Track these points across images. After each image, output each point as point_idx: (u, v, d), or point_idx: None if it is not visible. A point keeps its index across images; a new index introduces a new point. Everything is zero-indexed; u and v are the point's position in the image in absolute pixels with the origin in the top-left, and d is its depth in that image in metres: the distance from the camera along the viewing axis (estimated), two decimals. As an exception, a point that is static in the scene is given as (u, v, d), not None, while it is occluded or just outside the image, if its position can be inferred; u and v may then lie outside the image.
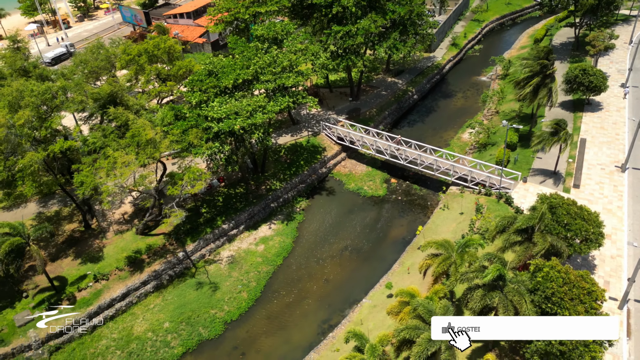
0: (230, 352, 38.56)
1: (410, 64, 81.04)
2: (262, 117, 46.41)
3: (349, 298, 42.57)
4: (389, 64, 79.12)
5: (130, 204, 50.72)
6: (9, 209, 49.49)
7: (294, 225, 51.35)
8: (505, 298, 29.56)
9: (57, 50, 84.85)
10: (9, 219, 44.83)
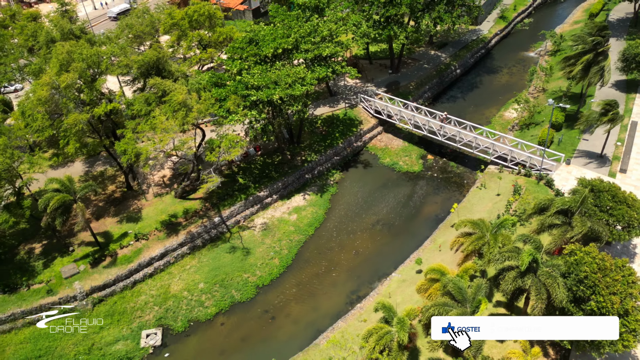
0: (261, 315, 39.94)
1: (455, 36, 78.25)
2: (300, 89, 46.33)
3: (378, 271, 42.94)
4: (432, 36, 76.70)
5: (169, 169, 52.31)
6: (57, 167, 52.01)
7: (326, 197, 51.75)
8: (539, 281, 29.11)
9: (122, 6, 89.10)
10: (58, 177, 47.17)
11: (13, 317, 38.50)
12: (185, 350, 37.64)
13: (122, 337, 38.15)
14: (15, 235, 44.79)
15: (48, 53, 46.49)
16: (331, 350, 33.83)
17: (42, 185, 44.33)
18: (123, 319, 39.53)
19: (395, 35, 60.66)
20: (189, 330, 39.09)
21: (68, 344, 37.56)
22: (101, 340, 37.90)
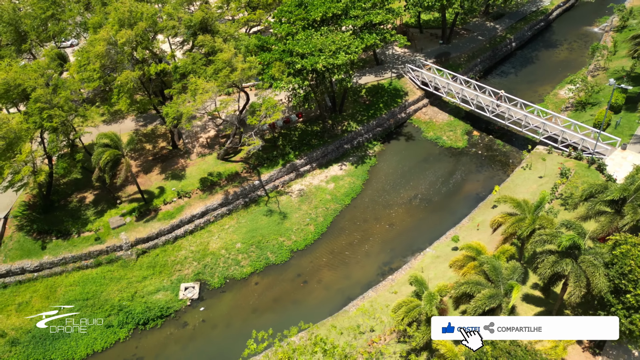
0: (294, 279, 41.00)
1: (513, 7, 74.02)
2: (344, 57, 45.49)
3: (412, 245, 42.84)
4: (488, 6, 72.90)
5: (214, 129, 53.37)
6: (109, 123, 54.17)
7: (365, 168, 51.50)
8: (579, 268, 28.19)
9: None
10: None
11: (64, 261, 41.33)
12: (220, 305, 39.36)
13: (162, 288, 40.28)
14: (68, 184, 47.49)
15: (104, 10, 47.62)
16: (360, 318, 34.44)
17: (94, 139, 46.41)
18: (164, 271, 41.62)
19: (449, 4, 58.07)
20: (224, 287, 40.74)
21: (113, 289, 40.08)
22: (143, 289, 40.19)
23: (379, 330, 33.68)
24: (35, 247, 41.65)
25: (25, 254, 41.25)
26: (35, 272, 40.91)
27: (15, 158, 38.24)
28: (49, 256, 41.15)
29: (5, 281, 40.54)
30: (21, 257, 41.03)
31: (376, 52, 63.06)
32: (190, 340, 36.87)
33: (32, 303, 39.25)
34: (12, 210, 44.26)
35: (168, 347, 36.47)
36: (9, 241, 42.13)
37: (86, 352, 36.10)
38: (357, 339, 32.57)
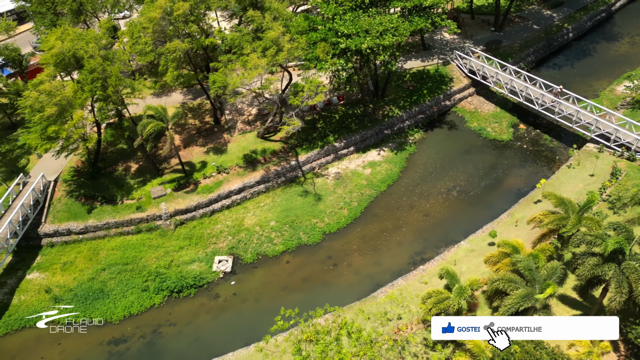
0: (324, 260, 41.32)
1: (574, -5, 70.05)
2: (391, 39, 44.57)
3: (446, 237, 42.16)
4: (546, -6, 69.31)
5: (256, 107, 53.87)
6: (157, 95, 55.63)
7: (404, 155, 50.77)
8: (622, 274, 26.99)
9: None
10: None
11: (107, 225, 43.27)
12: (251, 280, 40.27)
13: (197, 259, 41.58)
14: (115, 153, 49.37)
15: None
16: (387, 305, 34.44)
17: (141, 110, 47.83)
18: (200, 243, 42.87)
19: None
20: (256, 262, 41.60)
21: (151, 257, 41.72)
22: (179, 259, 41.62)
23: (406, 318, 33.60)
24: (82, 210, 43.76)
25: (72, 216, 43.46)
26: (80, 235, 43.10)
27: (67, 124, 40.00)
28: (93, 220, 43.18)
29: (52, 241, 42.96)
30: (68, 219, 43.28)
31: (424, 36, 61.43)
32: (221, 312, 38.02)
33: (76, 263, 41.48)
34: (62, 175, 46.56)
35: (199, 317, 37.79)
36: (58, 203, 44.44)
37: (123, 314, 37.94)
38: (384, 326, 32.65)
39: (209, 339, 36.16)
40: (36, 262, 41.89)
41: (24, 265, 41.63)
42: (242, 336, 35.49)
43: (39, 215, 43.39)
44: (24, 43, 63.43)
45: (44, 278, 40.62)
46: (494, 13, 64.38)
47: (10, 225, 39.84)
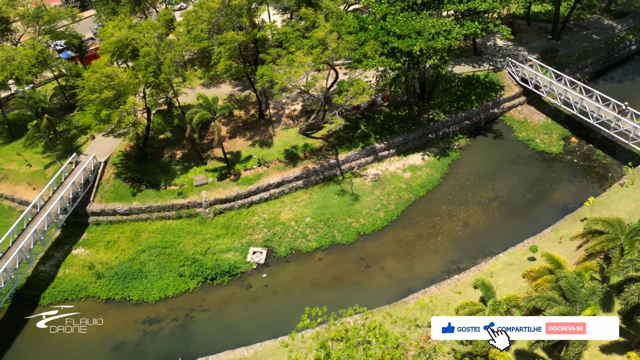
0: (357, 261, 41.17)
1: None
2: (443, 42, 43.74)
3: (484, 248, 41.04)
4: (610, 3, 65.97)
5: (301, 104, 54.28)
6: (206, 86, 57.09)
7: (446, 161, 49.78)
8: (673, 303, 25.40)
9: None
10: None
11: (150, 209, 44.85)
12: (283, 274, 40.68)
13: (232, 249, 42.42)
14: (162, 140, 51.06)
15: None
16: (418, 311, 33.89)
17: (190, 100, 49.25)
18: (236, 233, 43.72)
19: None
20: (289, 257, 41.98)
21: (189, 242, 42.93)
22: (215, 247, 42.60)
23: (436, 327, 32.91)
24: (127, 192, 45.57)
25: (118, 197, 45.34)
26: (124, 215, 44.91)
27: (120, 108, 41.71)
28: (137, 203, 44.87)
29: (98, 219, 44.99)
30: (114, 200, 45.18)
31: (476, 41, 59.92)
32: (252, 302, 38.65)
33: (118, 242, 43.27)
34: (111, 157, 48.62)
35: (231, 305, 38.56)
36: (106, 184, 46.46)
37: (159, 296, 39.26)
38: (412, 332, 32.16)
39: (238, 327, 36.84)
40: (82, 238, 44.00)
41: (70, 241, 43.83)
42: (270, 328, 35.95)
43: (88, 194, 45.53)
44: (85, 29, 66.61)
45: (88, 254, 42.62)
46: (552, 20, 61.94)
47: (61, 202, 42.01)
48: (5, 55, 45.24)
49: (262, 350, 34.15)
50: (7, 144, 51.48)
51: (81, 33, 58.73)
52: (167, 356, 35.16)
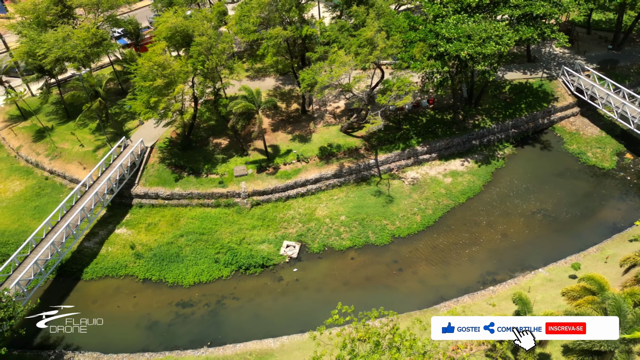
0: (390, 263, 40.77)
1: None
2: (493, 47, 42.44)
3: (523, 261, 39.68)
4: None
5: (344, 101, 54.19)
6: (252, 79, 57.97)
7: (489, 169, 48.39)
8: None
9: None
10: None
11: (191, 195, 46.08)
12: (314, 269, 40.84)
13: (267, 240, 42.97)
14: (207, 129, 52.29)
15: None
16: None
17: (236, 91, 50.14)
18: (271, 225, 44.24)
19: (632, 5, 50.47)
20: (322, 253, 42.08)
21: (225, 231, 43.82)
22: (250, 237, 43.28)
23: (466, 338, 32.16)
24: (170, 178, 47.00)
25: (161, 182, 46.84)
26: (166, 200, 46.36)
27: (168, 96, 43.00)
28: (179, 188, 46.22)
29: (141, 202, 46.66)
30: (157, 184, 46.70)
31: (530, 47, 57.80)
32: (282, 295, 39.05)
33: (159, 226, 44.74)
34: (158, 142, 50.25)
35: (261, 295, 39.11)
36: (151, 168, 48.09)
37: (193, 280, 40.33)
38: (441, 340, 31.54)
39: (267, 318, 37.33)
40: (125, 219, 45.78)
41: (114, 220, 45.70)
42: (298, 322, 36.24)
43: (133, 177, 47.29)
44: (142, 17, 69.04)
45: (130, 235, 44.30)
46: (614, 29, 58.85)
47: (109, 182, 43.84)
48: (62, 36, 47.53)
49: (289, 343, 34.48)
50: (63, 123, 54.19)
51: (138, 21, 60.91)
52: (196, 340, 36.12)
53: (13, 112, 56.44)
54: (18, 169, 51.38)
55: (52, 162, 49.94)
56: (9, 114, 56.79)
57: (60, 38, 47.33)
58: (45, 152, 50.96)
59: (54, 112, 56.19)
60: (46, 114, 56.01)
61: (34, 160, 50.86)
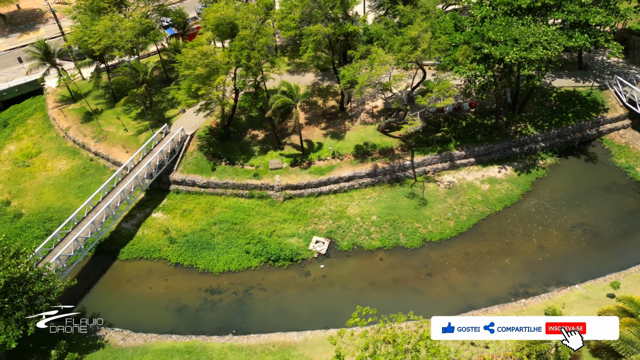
0: (419, 267, 40.24)
1: None
2: (540, 53, 40.90)
3: (559, 276, 38.28)
4: None
5: (381, 101, 53.73)
6: (292, 73, 58.35)
7: (529, 178, 46.86)
8: None
9: None
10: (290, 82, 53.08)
11: (226, 185, 46.94)
12: (342, 267, 40.82)
13: (297, 235, 43.27)
14: (245, 121, 53.04)
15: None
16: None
17: (276, 85, 50.57)
18: (302, 220, 44.50)
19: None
20: (350, 252, 41.99)
21: (257, 222, 44.42)
22: (281, 231, 43.69)
23: (493, 349, 31.43)
24: (207, 166, 48.01)
25: (198, 170, 47.94)
26: (202, 188, 47.43)
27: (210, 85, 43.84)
28: (215, 177, 47.15)
29: (178, 188, 47.92)
30: (195, 172, 47.83)
31: (582, 54, 55.43)
32: (308, 289, 39.26)
33: (193, 212, 45.84)
34: (197, 131, 51.40)
35: (288, 288, 39.46)
36: (190, 156, 49.28)
37: (223, 268, 41.14)
38: (466, 349, 30.94)
39: (292, 311, 37.65)
40: (162, 204, 47.16)
41: (152, 204, 47.16)
42: (323, 318, 36.38)
43: (172, 163, 48.60)
44: (190, 9, 70.56)
45: (166, 219, 45.63)
46: (677, 39, 55.60)
47: (149, 167, 45.24)
48: (111, 25, 49.28)
49: (312, 339, 34.66)
50: (110, 108, 56.27)
51: (186, 12, 62.34)
52: (222, 327, 36.87)
53: (65, 94, 59.06)
54: (66, 148, 53.79)
55: (97, 145, 51.98)
56: (60, 95, 59.46)
57: (109, 28, 49.09)
58: (92, 134, 53.10)
59: (102, 97, 58.42)
60: (95, 97, 58.31)
61: (81, 141, 53.09)
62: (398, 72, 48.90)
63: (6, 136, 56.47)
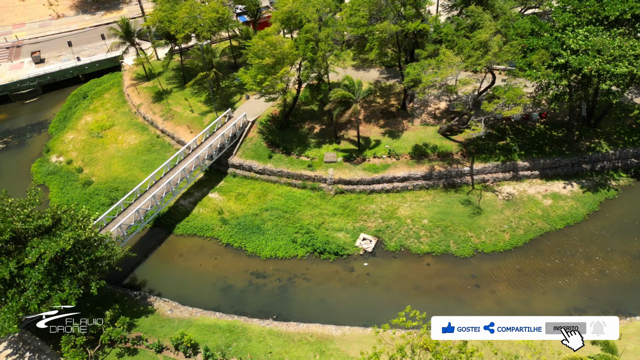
0: (467, 277, 39.07)
1: None
2: (625, 68, 38.03)
3: (619, 305, 35.81)
4: None
5: (445, 103, 52.34)
6: (357, 68, 58.17)
7: (597, 198, 44.00)
8: None
9: None
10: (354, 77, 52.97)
11: (280, 173, 47.77)
12: (387, 267, 40.45)
13: (344, 229, 43.33)
14: (305, 112, 53.58)
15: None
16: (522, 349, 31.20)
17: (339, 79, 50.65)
18: (351, 215, 44.48)
19: None
20: (397, 253, 41.50)
21: (307, 213, 44.92)
22: (329, 224, 43.93)
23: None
24: (265, 153, 49.06)
25: (256, 156, 49.11)
26: (257, 174, 48.58)
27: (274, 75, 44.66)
28: (271, 165, 48.11)
29: (235, 172, 49.37)
30: (252, 158, 49.04)
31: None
32: (351, 285, 39.30)
33: (247, 197, 47.10)
34: (259, 118, 52.59)
35: (331, 282, 39.71)
36: (249, 142, 50.57)
37: (270, 254, 42.05)
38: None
39: (332, 305, 37.87)
40: (219, 185, 48.83)
41: (209, 185, 48.96)
42: (362, 315, 36.31)
43: (232, 147, 50.10)
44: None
45: (221, 201, 47.23)
46: None
47: (210, 149, 46.92)
48: (192, 14, 51.39)
49: (350, 334, 34.74)
50: (179, 89, 58.82)
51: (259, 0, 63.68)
52: (263, 311, 37.79)
53: (140, 72, 62.38)
54: (136, 124, 56.93)
55: (165, 123, 54.57)
56: (136, 72, 62.87)
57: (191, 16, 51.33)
58: (160, 113, 55.79)
59: (174, 77, 61.14)
60: (167, 78, 61.16)
61: (150, 118, 55.96)
62: (466, 74, 47.40)
63: (85, 107, 60.61)
